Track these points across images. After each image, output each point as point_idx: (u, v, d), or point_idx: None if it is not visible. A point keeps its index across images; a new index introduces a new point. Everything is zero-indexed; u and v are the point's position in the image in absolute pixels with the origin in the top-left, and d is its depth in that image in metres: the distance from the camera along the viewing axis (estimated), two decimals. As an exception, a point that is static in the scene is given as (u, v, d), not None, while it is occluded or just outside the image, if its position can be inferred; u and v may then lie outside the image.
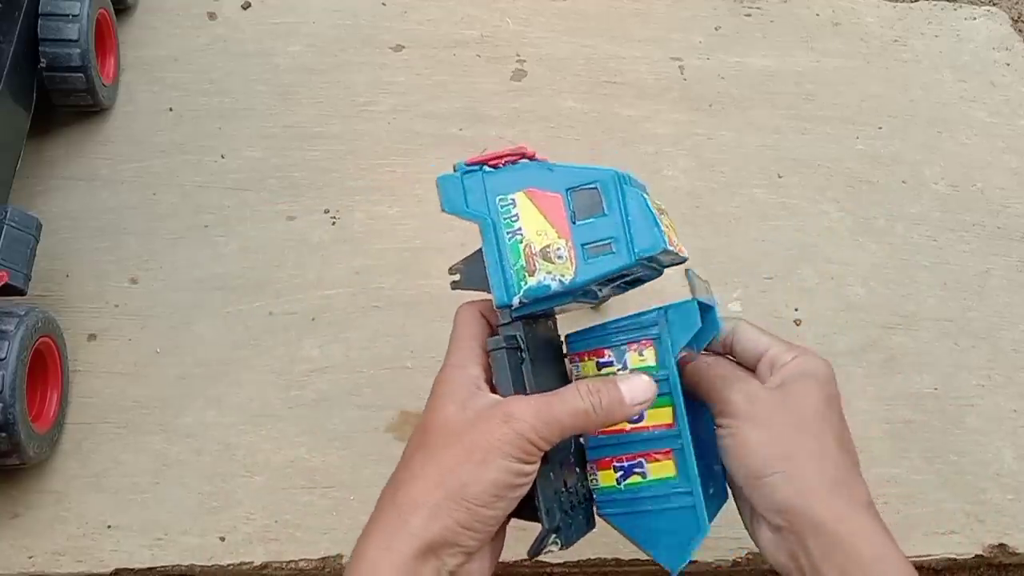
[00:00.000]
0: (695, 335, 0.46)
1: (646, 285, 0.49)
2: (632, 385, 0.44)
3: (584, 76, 0.88)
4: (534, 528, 0.45)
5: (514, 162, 0.45)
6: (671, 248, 0.44)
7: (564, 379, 0.49)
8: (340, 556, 0.61)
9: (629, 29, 0.93)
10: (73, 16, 0.71)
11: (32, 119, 0.71)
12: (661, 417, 0.46)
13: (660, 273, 0.48)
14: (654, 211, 0.44)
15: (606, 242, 0.43)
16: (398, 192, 0.78)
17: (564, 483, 0.46)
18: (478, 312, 0.47)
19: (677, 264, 0.49)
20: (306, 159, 0.79)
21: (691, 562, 0.46)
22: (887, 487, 0.67)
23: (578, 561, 0.62)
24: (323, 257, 0.74)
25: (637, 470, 0.47)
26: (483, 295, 0.46)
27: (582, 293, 0.45)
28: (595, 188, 0.43)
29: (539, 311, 0.45)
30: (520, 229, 0.44)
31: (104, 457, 0.64)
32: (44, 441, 0.60)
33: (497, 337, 0.44)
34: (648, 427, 0.46)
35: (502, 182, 0.45)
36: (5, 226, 0.61)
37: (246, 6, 0.89)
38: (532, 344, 0.45)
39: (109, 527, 0.61)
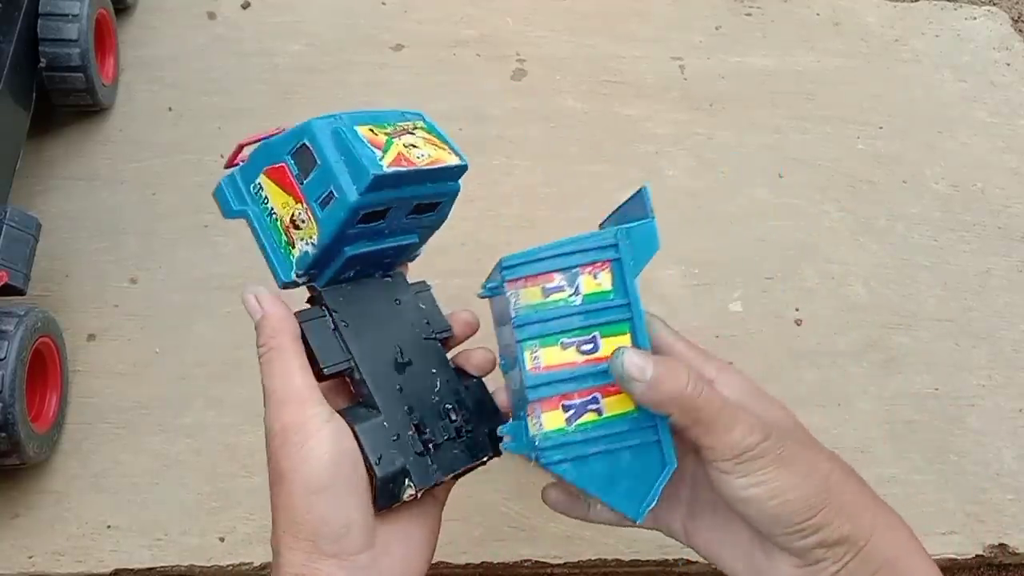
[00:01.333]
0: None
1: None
2: (250, 301, 0.44)
3: (584, 76, 0.88)
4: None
5: (256, 147, 0.46)
6: (400, 169, 0.41)
7: (412, 330, 0.46)
8: (340, 556, 0.61)
9: (629, 29, 0.93)
10: (73, 16, 0.71)
11: (32, 119, 0.71)
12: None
13: (444, 195, 0.45)
14: (361, 139, 0.41)
15: (328, 191, 0.42)
16: (398, 192, 0.78)
17: (416, 427, 0.43)
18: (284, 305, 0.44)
19: (449, 177, 0.44)
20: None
21: (652, 507, 0.41)
22: (887, 487, 0.67)
23: (578, 562, 0.62)
24: (323, 257, 0.74)
25: (592, 407, 0.41)
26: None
27: (371, 244, 0.44)
28: (304, 144, 0.42)
29: (345, 275, 0.45)
30: (272, 209, 0.44)
31: (104, 457, 0.64)
32: (44, 441, 0.60)
33: (301, 310, 0.44)
34: (604, 358, 0.41)
35: (248, 172, 0.46)
36: (5, 226, 0.61)
37: (246, 6, 0.89)
38: (355, 308, 0.44)
39: (109, 527, 0.61)
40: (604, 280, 0.42)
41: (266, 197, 0.45)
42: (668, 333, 0.45)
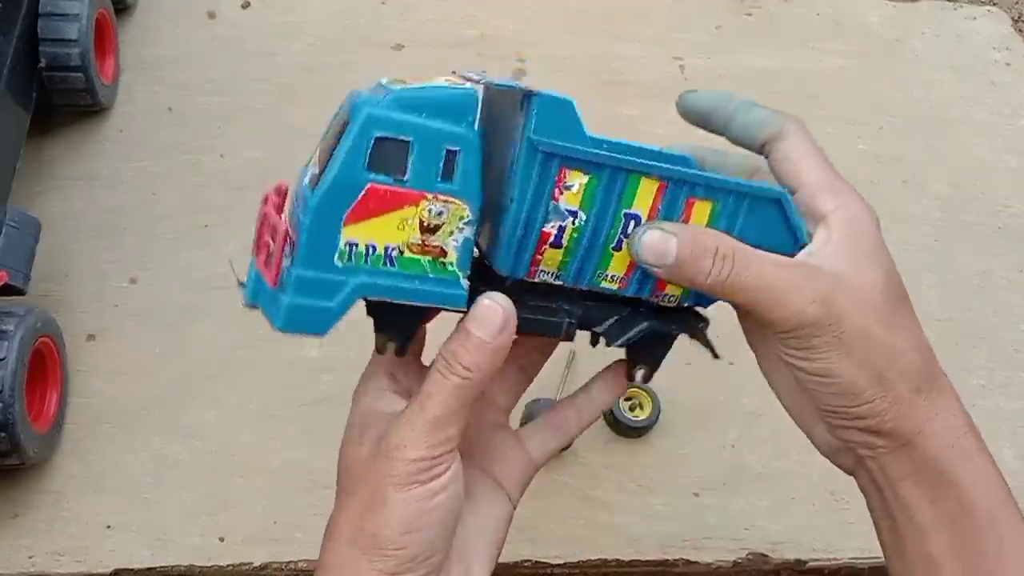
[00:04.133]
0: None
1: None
2: (481, 318, 0.36)
3: (584, 76, 0.88)
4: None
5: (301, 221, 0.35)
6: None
7: None
8: (340, 556, 0.61)
9: (630, 28, 0.93)
10: (73, 16, 0.71)
11: (32, 119, 0.71)
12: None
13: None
14: (425, 88, 0.36)
15: (445, 152, 0.34)
16: (398, 192, 0.78)
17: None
18: None
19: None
20: (306, 159, 0.79)
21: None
22: (887, 487, 0.67)
23: (578, 562, 0.62)
24: (323, 257, 0.74)
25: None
26: None
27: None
28: (378, 137, 0.33)
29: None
30: (389, 249, 0.34)
31: (104, 457, 0.64)
32: (44, 441, 0.60)
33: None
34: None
35: (317, 251, 0.33)
36: (5, 226, 0.61)
37: (246, 5, 0.89)
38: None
39: (109, 527, 0.61)
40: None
41: (369, 246, 0.34)
42: (801, 149, 0.40)
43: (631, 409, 0.66)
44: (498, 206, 0.36)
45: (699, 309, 0.42)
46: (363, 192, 0.33)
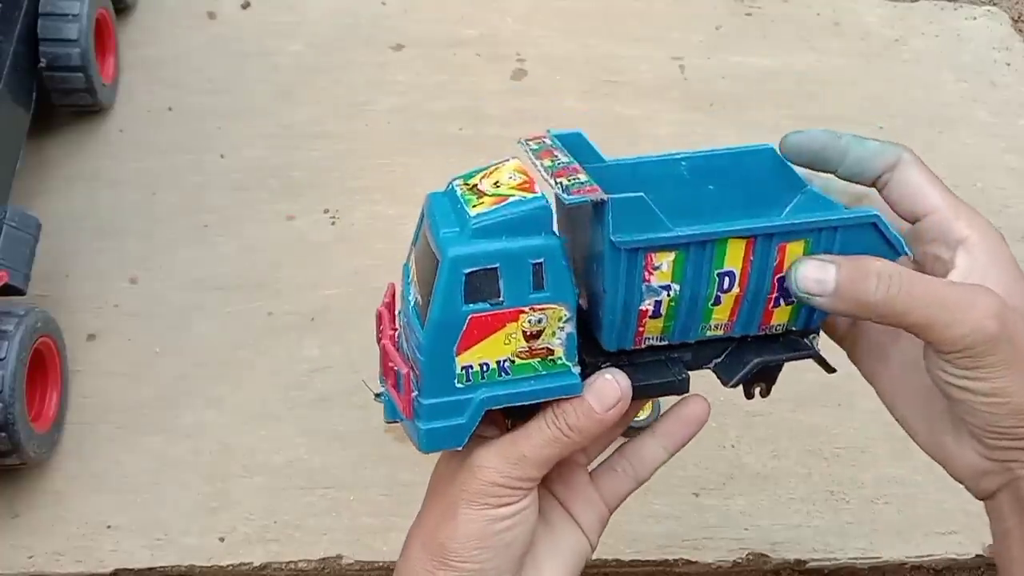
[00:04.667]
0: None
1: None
2: (598, 391, 0.38)
3: (584, 75, 0.88)
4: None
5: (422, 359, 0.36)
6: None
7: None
8: (340, 557, 0.61)
9: (629, 28, 0.93)
10: (73, 16, 0.71)
11: (32, 119, 0.71)
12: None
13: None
14: (468, 198, 0.37)
15: (529, 265, 0.36)
16: (398, 192, 0.78)
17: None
18: None
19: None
20: (306, 159, 0.79)
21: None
22: (888, 487, 0.67)
23: (578, 561, 0.62)
24: (323, 257, 0.74)
25: None
26: None
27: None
28: (466, 273, 0.35)
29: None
30: (502, 362, 0.36)
31: (104, 457, 0.64)
32: (44, 441, 0.60)
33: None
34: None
35: (436, 376, 0.36)
36: (5, 226, 0.61)
37: (246, 5, 0.89)
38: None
39: (109, 527, 0.61)
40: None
41: (483, 365, 0.36)
42: (920, 175, 0.40)
43: (631, 409, 0.66)
44: (591, 288, 0.38)
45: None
46: (466, 324, 0.35)
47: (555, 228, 0.36)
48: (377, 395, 0.40)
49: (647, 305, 0.37)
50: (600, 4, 0.95)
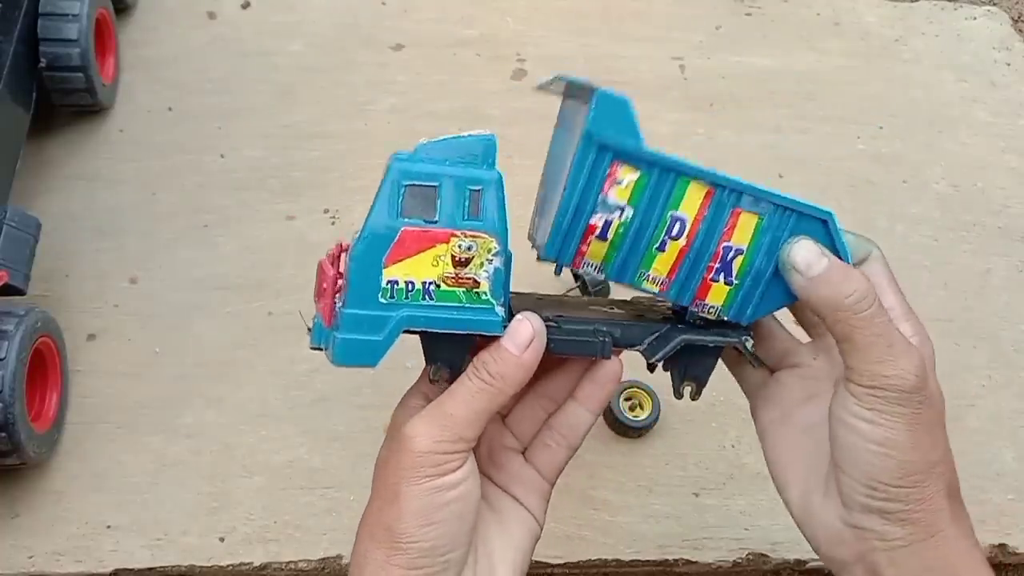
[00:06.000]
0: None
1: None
2: (512, 331, 0.38)
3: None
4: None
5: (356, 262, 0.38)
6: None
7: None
8: (340, 556, 0.61)
9: (629, 28, 0.93)
10: (73, 16, 0.71)
11: (32, 119, 0.71)
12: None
13: None
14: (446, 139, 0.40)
15: (469, 191, 0.38)
16: (398, 192, 0.78)
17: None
18: None
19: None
20: (306, 159, 0.79)
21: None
22: (887, 487, 0.67)
23: (578, 562, 0.62)
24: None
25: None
26: None
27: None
28: (407, 186, 0.38)
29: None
30: (428, 284, 0.38)
31: (104, 457, 0.64)
32: (44, 441, 0.60)
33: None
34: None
35: (363, 287, 0.38)
36: (5, 226, 0.61)
37: (246, 5, 0.89)
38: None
39: (109, 527, 0.61)
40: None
41: (408, 283, 0.37)
42: (884, 275, 0.42)
43: (631, 409, 0.66)
44: (553, 193, 0.40)
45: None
46: (399, 236, 0.37)
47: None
48: (310, 329, 0.41)
49: (597, 220, 0.39)
50: (600, 4, 0.95)
